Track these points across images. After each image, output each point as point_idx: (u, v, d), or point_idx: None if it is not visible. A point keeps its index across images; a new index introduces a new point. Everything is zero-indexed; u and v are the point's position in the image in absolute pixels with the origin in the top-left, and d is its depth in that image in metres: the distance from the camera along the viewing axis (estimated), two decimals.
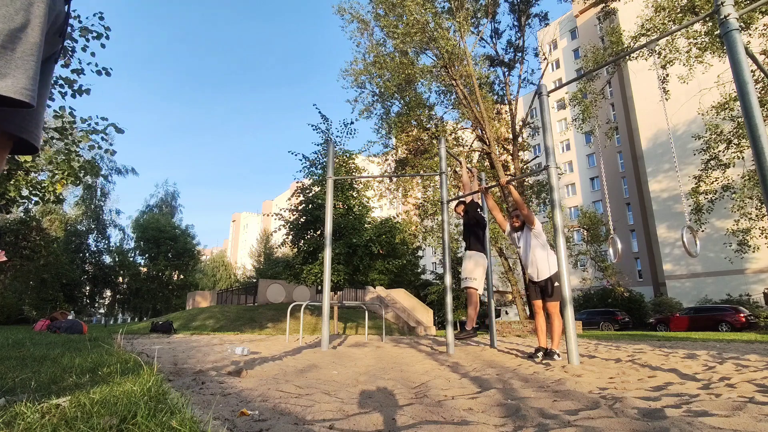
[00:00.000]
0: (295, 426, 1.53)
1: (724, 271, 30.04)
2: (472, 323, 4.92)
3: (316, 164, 13.12)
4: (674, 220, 33.71)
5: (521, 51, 18.80)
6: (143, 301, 34.99)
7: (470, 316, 4.90)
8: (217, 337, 8.80)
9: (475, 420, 1.61)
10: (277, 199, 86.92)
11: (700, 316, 22.00)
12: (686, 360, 3.73)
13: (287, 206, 13.32)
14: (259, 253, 57.11)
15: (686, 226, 3.53)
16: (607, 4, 17.22)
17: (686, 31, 13.30)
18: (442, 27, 14.97)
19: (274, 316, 15.44)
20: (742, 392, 2.10)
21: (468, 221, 5.27)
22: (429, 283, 35.99)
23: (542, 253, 4.30)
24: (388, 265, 13.01)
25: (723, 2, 3.00)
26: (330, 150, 6.50)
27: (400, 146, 18.32)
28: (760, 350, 4.90)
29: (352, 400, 2.06)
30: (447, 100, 18.67)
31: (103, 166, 33.48)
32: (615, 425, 1.44)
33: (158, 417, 1.33)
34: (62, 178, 7.40)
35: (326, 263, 5.74)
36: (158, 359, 3.57)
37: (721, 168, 15.16)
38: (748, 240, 16.18)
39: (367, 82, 17.08)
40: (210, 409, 1.69)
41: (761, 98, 12.59)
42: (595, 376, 2.89)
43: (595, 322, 26.51)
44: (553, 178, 4.08)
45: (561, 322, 4.12)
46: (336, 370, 3.37)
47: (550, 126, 4.29)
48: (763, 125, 2.72)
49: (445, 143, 5.89)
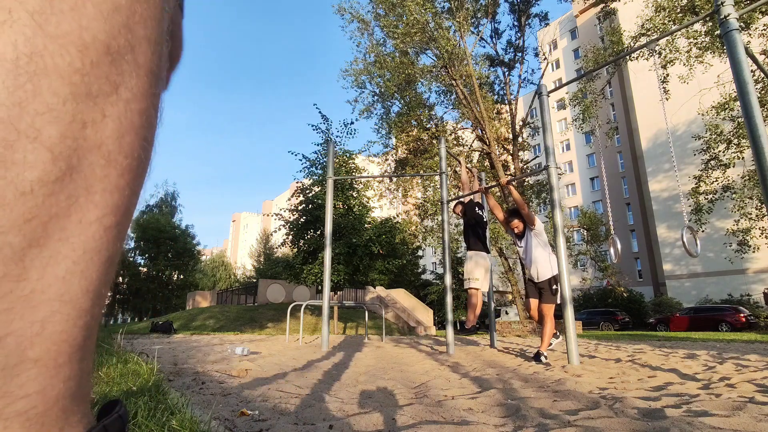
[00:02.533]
0: (295, 426, 1.53)
1: (724, 271, 30.04)
2: (471, 323, 4.93)
3: (316, 164, 13.12)
4: (674, 220, 33.71)
5: (521, 51, 18.80)
6: (143, 301, 34.98)
7: (469, 317, 4.91)
8: (217, 337, 8.80)
9: (475, 420, 1.61)
10: (277, 199, 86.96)
11: (700, 316, 22.00)
12: (686, 360, 3.73)
13: (287, 206, 13.33)
14: (259, 253, 57.12)
15: (686, 227, 3.54)
16: (607, 4, 17.22)
17: (686, 31, 13.30)
18: (442, 27, 14.97)
19: (274, 316, 15.44)
20: (742, 392, 2.10)
21: (468, 221, 5.28)
22: (429, 283, 35.97)
23: (543, 253, 4.29)
24: (388, 265, 13.01)
25: (723, 2, 3.00)
26: (330, 150, 6.50)
27: (400, 146, 18.32)
28: (760, 350, 4.90)
29: (352, 400, 2.06)
30: (447, 100, 18.67)
31: None
32: (615, 425, 1.44)
33: (158, 417, 1.33)
34: None
35: (326, 263, 5.74)
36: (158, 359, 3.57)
37: (721, 168, 15.16)
38: (748, 240, 16.18)
39: (368, 82, 17.09)
40: (210, 409, 1.69)
41: (761, 98, 12.59)
42: (595, 376, 2.88)
43: (595, 322, 26.51)
44: (553, 178, 4.08)
45: (553, 325, 4.15)
46: (336, 370, 3.37)
47: (550, 126, 4.29)
48: (763, 125, 2.72)
49: (445, 143, 5.89)
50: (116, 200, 0.26)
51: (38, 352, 0.23)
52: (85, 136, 0.23)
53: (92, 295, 0.25)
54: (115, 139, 0.25)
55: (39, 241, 0.22)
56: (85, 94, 0.23)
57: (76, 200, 0.24)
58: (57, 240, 0.23)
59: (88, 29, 0.22)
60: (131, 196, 0.27)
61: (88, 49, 0.22)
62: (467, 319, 4.94)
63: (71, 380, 0.25)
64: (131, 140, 0.26)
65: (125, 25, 0.24)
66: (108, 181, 0.25)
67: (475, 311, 4.89)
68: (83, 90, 0.23)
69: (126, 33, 0.24)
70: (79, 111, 0.23)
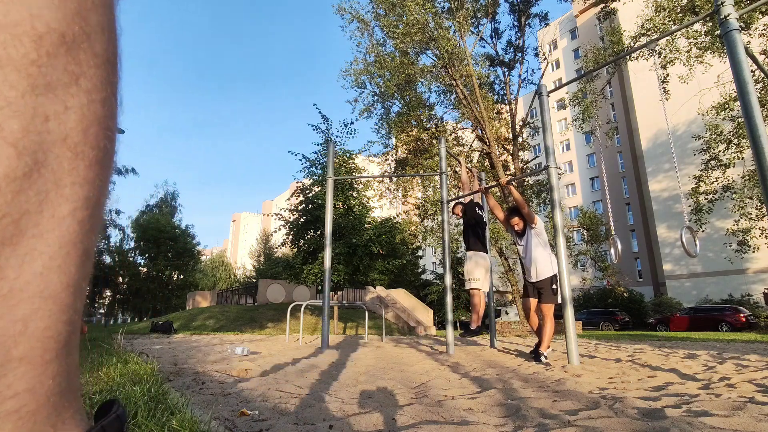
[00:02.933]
0: (295, 426, 1.53)
1: (725, 271, 30.04)
2: (476, 323, 4.93)
3: (316, 164, 13.12)
4: (674, 220, 33.71)
5: (521, 51, 18.80)
6: (143, 301, 34.97)
7: (473, 317, 4.91)
8: (218, 337, 8.80)
9: (475, 420, 1.61)
10: (277, 199, 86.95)
11: (700, 316, 22.00)
12: (686, 360, 3.73)
13: (287, 206, 13.32)
14: (259, 253, 57.14)
15: (685, 227, 3.53)
16: (607, 4, 17.22)
17: (686, 31, 13.30)
18: (442, 27, 14.97)
19: (274, 316, 15.44)
20: (742, 392, 2.10)
21: (467, 221, 5.27)
22: (429, 283, 35.97)
23: (543, 253, 4.28)
24: (388, 265, 13.01)
25: (723, 2, 3.00)
26: (330, 150, 6.50)
27: (400, 146, 18.33)
28: (760, 350, 4.90)
29: (352, 400, 2.05)
30: (447, 100, 18.67)
31: None
32: (615, 425, 1.44)
33: (158, 417, 1.33)
34: None
35: (326, 263, 5.75)
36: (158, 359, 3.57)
37: (721, 168, 15.16)
38: (748, 240, 16.18)
39: (368, 82, 17.09)
40: (210, 409, 1.69)
41: (761, 98, 12.58)
42: (595, 376, 2.88)
43: (595, 322, 26.52)
44: (553, 178, 4.08)
45: (553, 325, 4.14)
46: (336, 370, 3.37)
47: (550, 126, 4.29)
48: (763, 125, 2.72)
49: (445, 143, 5.89)
50: (87, 193, 0.25)
51: (23, 351, 0.23)
52: (49, 130, 0.23)
53: (72, 290, 0.25)
54: (80, 131, 0.24)
55: (12, 239, 0.22)
56: (44, 86, 0.22)
57: (46, 195, 0.23)
58: (31, 237, 0.23)
59: (39, 17, 0.22)
60: (101, 187, 0.27)
61: (42, 39, 0.22)
62: (472, 320, 4.93)
63: (60, 376, 0.25)
64: (96, 131, 0.26)
65: (78, 13, 0.23)
66: (77, 174, 0.25)
67: (479, 312, 4.89)
68: (42, 82, 0.22)
69: (80, 21, 0.23)
70: (39, 104, 0.22)
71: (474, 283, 4.87)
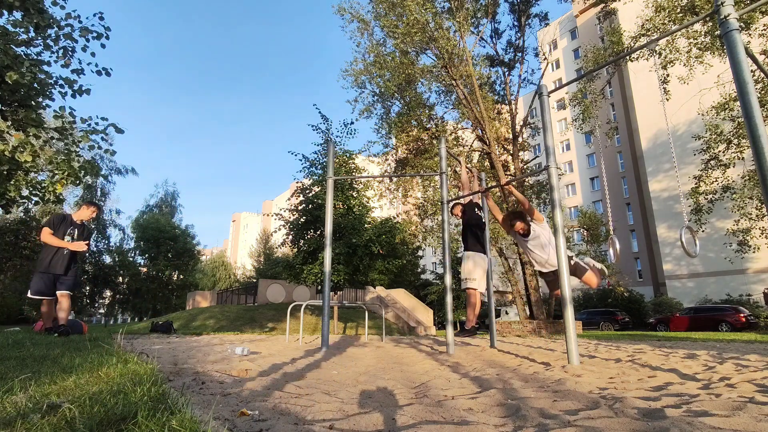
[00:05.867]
0: (295, 426, 1.53)
1: (725, 271, 30.05)
2: (471, 323, 4.93)
3: (316, 164, 13.12)
4: (674, 220, 33.71)
5: (521, 51, 18.81)
6: (143, 301, 34.95)
7: (469, 317, 4.91)
8: (218, 337, 8.80)
9: (475, 420, 1.61)
10: (277, 199, 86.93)
11: (700, 316, 22.01)
12: (686, 360, 3.73)
13: (287, 206, 13.32)
14: (259, 253, 57.15)
15: (685, 227, 3.53)
16: (607, 4, 17.24)
17: (686, 32, 13.31)
18: (442, 27, 14.97)
19: (274, 316, 15.44)
20: (742, 392, 2.10)
21: (467, 221, 5.27)
22: (429, 283, 35.98)
23: (554, 241, 4.32)
24: (388, 265, 13.02)
25: (723, 2, 3.00)
26: (330, 150, 6.49)
27: (400, 146, 18.34)
28: (760, 350, 4.90)
29: (352, 400, 2.06)
30: (447, 100, 18.69)
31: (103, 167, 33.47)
32: (615, 425, 1.44)
33: (158, 417, 1.33)
34: (62, 179, 7.39)
35: (326, 263, 5.74)
36: (158, 359, 3.57)
37: (721, 168, 15.16)
38: (748, 240, 16.19)
39: (368, 82, 17.09)
40: (210, 409, 1.69)
41: (761, 98, 12.59)
42: (595, 376, 2.88)
43: (595, 322, 26.52)
44: (553, 178, 4.08)
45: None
46: (336, 370, 3.37)
47: (550, 126, 4.29)
48: (763, 125, 2.72)
49: (445, 143, 5.88)
50: None
51: None
52: None
53: None
54: None
55: None
56: None
57: None
58: None
59: None
60: None
61: None
62: (467, 318, 4.94)
63: None
64: None
65: None
66: None
67: (475, 311, 4.89)
68: None
69: None
70: None
71: (471, 282, 4.87)
